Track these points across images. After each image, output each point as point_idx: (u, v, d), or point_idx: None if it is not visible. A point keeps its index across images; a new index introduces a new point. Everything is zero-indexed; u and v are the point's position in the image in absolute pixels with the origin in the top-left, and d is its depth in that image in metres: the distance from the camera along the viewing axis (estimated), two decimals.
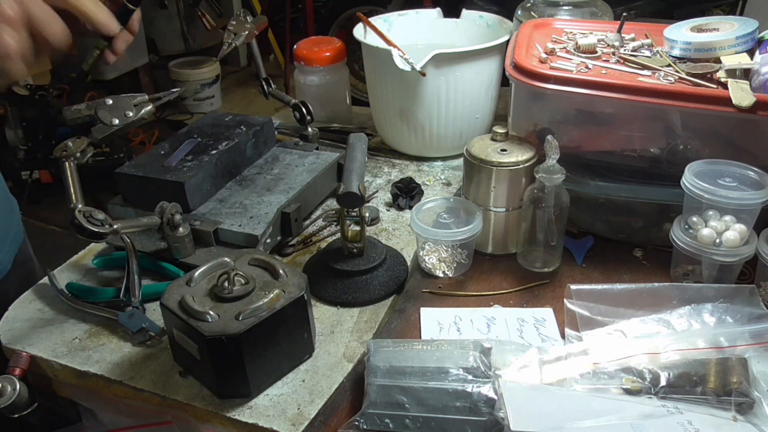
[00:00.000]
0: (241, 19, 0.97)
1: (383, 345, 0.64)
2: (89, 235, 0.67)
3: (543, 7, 1.04)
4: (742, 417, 0.56)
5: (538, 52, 0.83)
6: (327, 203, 0.98)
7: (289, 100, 1.03)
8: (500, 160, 0.77)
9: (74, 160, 0.73)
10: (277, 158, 0.97)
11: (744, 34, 0.76)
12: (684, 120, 0.77)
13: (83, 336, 0.74)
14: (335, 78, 1.19)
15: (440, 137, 1.06)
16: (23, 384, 0.68)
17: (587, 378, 0.60)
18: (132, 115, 0.75)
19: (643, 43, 0.85)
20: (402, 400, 0.57)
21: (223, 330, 0.59)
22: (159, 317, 0.72)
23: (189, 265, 0.77)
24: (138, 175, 0.84)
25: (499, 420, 0.55)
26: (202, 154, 0.88)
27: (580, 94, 0.74)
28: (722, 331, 0.63)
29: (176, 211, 0.77)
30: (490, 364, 0.60)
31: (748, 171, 0.71)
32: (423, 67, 0.95)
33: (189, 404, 0.64)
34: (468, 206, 0.81)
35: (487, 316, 0.73)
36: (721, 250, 0.70)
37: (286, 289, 0.64)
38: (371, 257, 0.79)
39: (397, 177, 1.03)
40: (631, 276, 0.79)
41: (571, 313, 0.70)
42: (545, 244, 0.78)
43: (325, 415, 0.61)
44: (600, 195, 0.81)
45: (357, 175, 0.74)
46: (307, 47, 1.18)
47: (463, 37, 1.15)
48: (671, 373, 0.59)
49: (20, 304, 0.80)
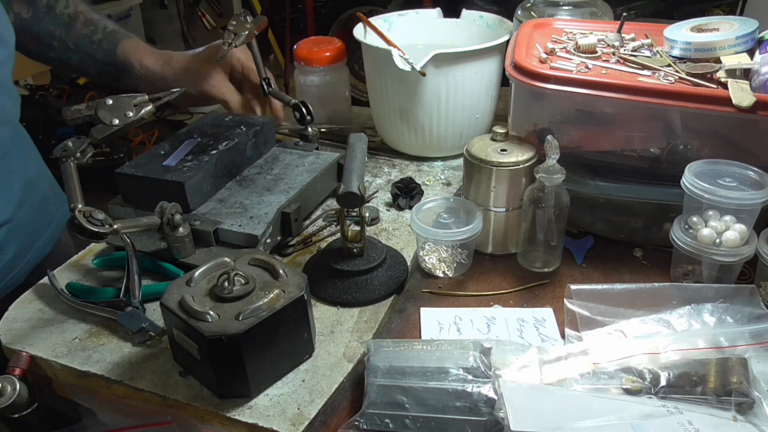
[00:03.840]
0: (241, 19, 0.97)
1: (383, 345, 0.64)
2: (89, 235, 0.67)
3: (543, 7, 1.04)
4: (742, 417, 0.56)
5: (538, 52, 0.83)
6: (327, 203, 0.98)
7: (289, 100, 1.03)
8: (500, 160, 0.77)
9: (74, 160, 0.73)
10: (277, 158, 0.97)
11: (744, 34, 0.76)
12: (684, 120, 0.77)
13: (83, 336, 0.74)
14: (335, 78, 1.19)
15: (440, 137, 1.06)
16: (23, 384, 0.67)
17: (587, 378, 0.60)
18: (132, 115, 0.75)
19: (643, 43, 0.85)
20: (402, 400, 0.57)
21: (223, 330, 0.59)
22: (159, 317, 0.72)
23: (189, 265, 0.77)
24: (138, 175, 0.84)
25: (499, 420, 0.55)
26: (202, 154, 0.88)
27: (580, 94, 0.74)
28: (722, 331, 0.63)
29: (176, 211, 0.77)
30: (490, 364, 0.60)
31: (748, 171, 0.71)
32: (423, 67, 0.95)
33: (189, 404, 0.64)
34: (468, 206, 0.81)
35: (487, 316, 0.73)
36: (721, 250, 0.70)
37: (286, 289, 0.64)
38: (371, 257, 0.79)
39: (397, 177, 1.03)
40: (631, 276, 0.79)
41: (571, 313, 0.70)
42: (545, 244, 0.78)
43: (325, 415, 0.61)
44: (600, 195, 0.81)
45: (357, 175, 0.74)
46: (307, 47, 1.18)
47: (463, 37, 1.15)
48: (671, 373, 0.59)
49: (20, 304, 0.80)
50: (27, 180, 0.91)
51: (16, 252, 0.89)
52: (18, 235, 0.89)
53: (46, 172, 0.99)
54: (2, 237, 0.86)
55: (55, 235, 0.99)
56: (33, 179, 0.93)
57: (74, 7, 0.98)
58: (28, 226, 0.91)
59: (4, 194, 0.86)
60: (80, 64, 1.00)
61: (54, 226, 0.98)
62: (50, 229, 0.97)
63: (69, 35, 0.97)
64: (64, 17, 0.97)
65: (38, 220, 0.94)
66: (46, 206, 0.96)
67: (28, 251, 0.92)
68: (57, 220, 0.99)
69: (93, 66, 1.00)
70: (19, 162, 0.90)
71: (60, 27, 0.97)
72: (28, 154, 0.94)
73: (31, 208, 0.92)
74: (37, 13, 0.96)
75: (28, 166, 0.93)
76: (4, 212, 0.86)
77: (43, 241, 0.95)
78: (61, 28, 0.97)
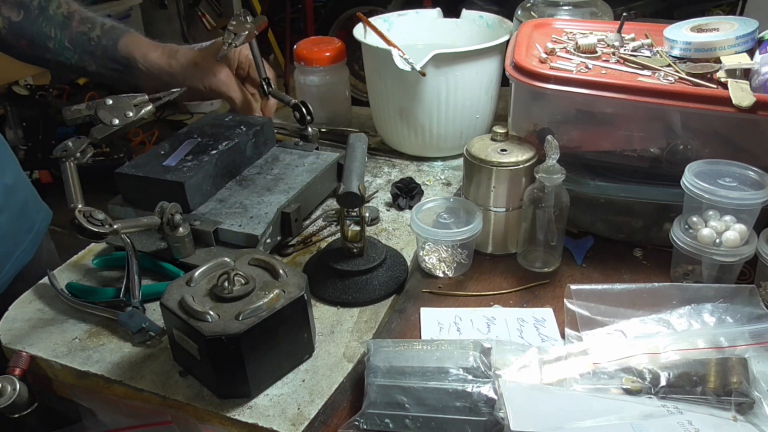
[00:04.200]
0: (241, 19, 0.97)
1: (383, 345, 0.64)
2: (89, 235, 0.67)
3: (543, 7, 1.04)
4: (742, 417, 0.56)
5: (538, 52, 0.83)
6: (327, 203, 0.98)
7: (289, 100, 1.02)
8: (500, 160, 0.77)
9: (74, 160, 0.73)
10: (277, 158, 0.97)
11: (744, 34, 0.76)
12: (684, 120, 0.77)
13: (83, 336, 0.74)
14: (335, 78, 1.19)
15: (440, 137, 1.06)
16: (23, 384, 0.68)
17: (587, 378, 0.60)
18: (132, 115, 0.75)
19: (643, 43, 0.85)
20: (402, 400, 0.57)
21: (223, 330, 0.59)
22: (159, 317, 0.72)
23: (189, 265, 0.77)
24: (138, 175, 0.84)
25: (499, 420, 0.55)
26: (202, 154, 0.88)
27: (580, 94, 0.74)
28: (722, 331, 0.63)
29: (176, 211, 0.77)
30: (490, 364, 0.60)
31: (748, 171, 0.71)
32: (423, 67, 0.95)
33: (189, 404, 0.64)
34: (468, 206, 0.81)
35: (487, 316, 0.73)
36: (721, 250, 0.70)
37: (286, 289, 0.64)
38: (371, 257, 0.79)
39: (397, 177, 1.03)
40: (631, 276, 0.79)
41: (571, 313, 0.70)
42: (545, 244, 0.78)
43: (325, 415, 0.61)
44: (600, 195, 0.81)
45: (357, 175, 0.74)
46: (308, 47, 1.18)
47: (463, 37, 1.15)
48: (671, 373, 0.59)
49: (20, 304, 0.80)
50: (5, 187, 0.89)
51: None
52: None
53: (24, 178, 0.97)
54: None
55: (36, 241, 0.96)
56: (11, 186, 0.91)
57: (67, 7, 0.96)
58: (8, 233, 0.89)
59: None
60: (78, 62, 0.97)
61: (35, 232, 0.96)
62: (31, 235, 0.95)
63: (65, 34, 0.94)
64: (58, 17, 0.94)
65: (18, 226, 0.92)
66: (26, 212, 0.95)
67: (9, 259, 0.90)
68: (37, 227, 0.97)
69: (92, 64, 0.97)
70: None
71: (54, 27, 0.94)
72: (4, 161, 0.92)
73: (11, 215, 0.90)
74: (28, 15, 0.93)
75: (5, 172, 0.91)
76: None
77: (24, 248, 0.93)
78: (55, 28, 0.94)
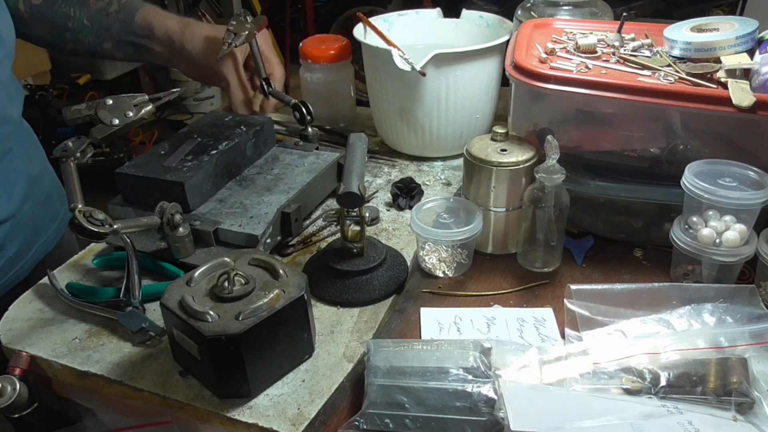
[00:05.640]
0: (241, 19, 0.97)
1: (383, 345, 0.64)
2: (89, 235, 0.67)
3: (543, 7, 1.04)
4: (742, 417, 0.56)
5: (538, 52, 0.83)
6: (327, 203, 0.98)
7: (289, 100, 1.02)
8: (500, 160, 0.77)
9: (74, 160, 0.73)
10: (277, 158, 0.97)
11: (744, 34, 0.76)
12: (684, 120, 0.77)
13: (83, 336, 0.74)
14: (340, 76, 1.19)
15: (440, 137, 1.06)
16: (23, 384, 0.67)
17: (587, 378, 0.60)
18: (132, 115, 0.75)
19: (643, 43, 0.85)
20: (402, 400, 0.57)
21: (223, 330, 0.59)
22: (159, 317, 0.72)
23: (189, 265, 0.77)
24: (138, 175, 0.84)
25: (499, 420, 0.55)
26: (202, 154, 0.88)
27: (580, 94, 0.74)
28: (722, 331, 0.63)
29: (176, 211, 0.77)
30: (490, 364, 0.60)
31: (748, 171, 0.71)
32: (423, 67, 0.95)
33: (189, 404, 0.64)
34: (468, 206, 0.81)
35: (487, 316, 0.73)
36: (721, 250, 0.70)
37: (286, 289, 0.64)
38: (371, 257, 0.79)
39: (397, 177, 1.03)
40: (631, 276, 0.79)
41: (571, 313, 0.70)
42: (545, 244, 0.78)
43: (325, 415, 0.61)
44: (600, 195, 0.81)
45: (357, 175, 0.74)
46: (313, 45, 1.18)
47: (463, 37, 1.15)
48: (671, 373, 0.59)
49: (20, 304, 0.80)
50: (30, 177, 0.92)
51: (20, 247, 0.90)
52: (22, 230, 0.90)
53: (49, 169, 1.00)
54: (6, 232, 0.87)
55: (60, 231, 1.00)
56: (37, 176, 0.94)
57: None
58: (32, 222, 0.92)
59: (7, 191, 0.87)
60: (96, 40, 0.99)
61: (59, 222, 0.99)
62: (55, 224, 0.98)
63: (83, 12, 0.97)
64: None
65: (42, 216, 0.95)
66: (50, 202, 0.97)
67: (32, 247, 0.93)
68: (61, 217, 1.00)
69: (108, 40, 0.99)
70: (22, 159, 0.90)
71: (74, 6, 0.97)
72: (31, 152, 0.95)
73: (35, 205, 0.93)
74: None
75: (31, 163, 0.94)
76: (7, 208, 0.86)
77: (48, 236, 0.96)
78: (74, 7, 0.97)
